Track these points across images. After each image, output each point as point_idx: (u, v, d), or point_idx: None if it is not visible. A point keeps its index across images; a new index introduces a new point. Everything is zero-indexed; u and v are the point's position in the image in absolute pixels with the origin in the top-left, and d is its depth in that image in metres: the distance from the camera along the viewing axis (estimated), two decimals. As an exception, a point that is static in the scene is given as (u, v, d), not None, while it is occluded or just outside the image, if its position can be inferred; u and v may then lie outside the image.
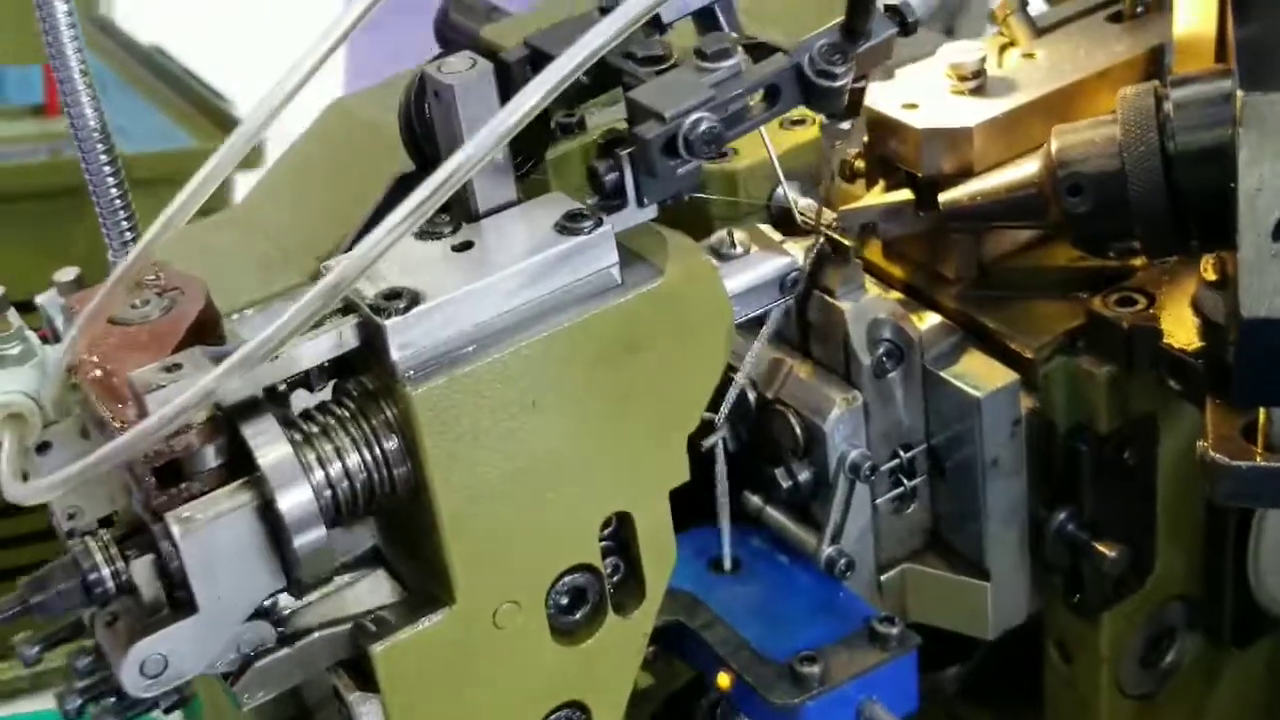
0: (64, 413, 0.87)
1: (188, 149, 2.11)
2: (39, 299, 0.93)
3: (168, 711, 0.96)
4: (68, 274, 0.90)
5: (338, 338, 0.76)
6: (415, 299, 0.75)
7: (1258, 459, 0.76)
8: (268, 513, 0.74)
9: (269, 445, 0.74)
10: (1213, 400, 0.80)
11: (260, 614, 0.78)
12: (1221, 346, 0.82)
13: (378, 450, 0.77)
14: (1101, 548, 0.92)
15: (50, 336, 0.92)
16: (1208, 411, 0.80)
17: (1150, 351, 0.86)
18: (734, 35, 0.77)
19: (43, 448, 0.88)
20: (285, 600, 0.81)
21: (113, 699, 0.95)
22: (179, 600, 0.75)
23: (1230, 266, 0.77)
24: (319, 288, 0.69)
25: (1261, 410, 0.77)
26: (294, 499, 0.74)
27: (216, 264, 0.89)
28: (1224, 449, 0.77)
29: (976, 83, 0.92)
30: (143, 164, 0.79)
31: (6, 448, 0.84)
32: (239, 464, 0.75)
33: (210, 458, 0.74)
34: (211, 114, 2.37)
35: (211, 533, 0.73)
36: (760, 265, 0.87)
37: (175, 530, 0.72)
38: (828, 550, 0.93)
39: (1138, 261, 0.92)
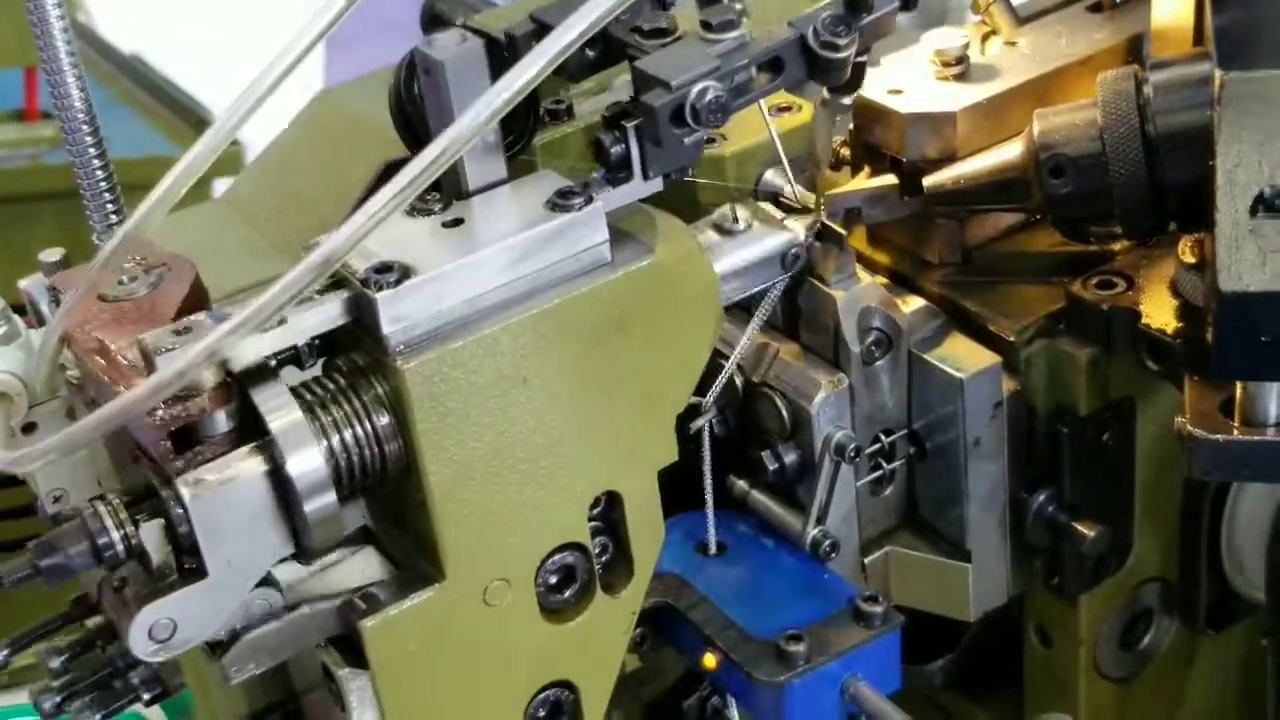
0: (50, 393, 0.88)
1: (167, 155, 2.11)
2: (22, 283, 0.93)
3: (149, 704, 0.97)
4: (53, 254, 0.90)
5: (330, 311, 0.76)
6: (406, 273, 0.76)
7: (1235, 433, 0.77)
8: (278, 477, 0.74)
9: (280, 410, 0.74)
10: (1190, 378, 0.81)
11: (267, 582, 0.78)
12: (1200, 327, 0.83)
13: (369, 426, 0.77)
14: (1081, 528, 0.93)
15: (35, 322, 0.92)
16: (1186, 389, 0.81)
17: (1129, 333, 0.87)
18: (738, 6, 0.78)
19: (29, 428, 0.88)
20: (276, 575, 0.81)
21: (90, 695, 0.95)
22: (188, 566, 0.75)
23: (1208, 249, 0.78)
24: (314, 256, 0.70)
25: (1238, 386, 0.78)
26: (305, 463, 0.74)
27: (203, 252, 0.90)
28: (1202, 424, 0.78)
29: (960, 69, 0.93)
30: (123, 170, 0.79)
31: (-2, 425, 0.84)
32: (249, 430, 0.75)
33: (221, 423, 0.74)
34: (190, 121, 2.38)
35: (221, 496, 0.73)
36: (763, 240, 0.88)
37: (185, 494, 0.72)
38: (813, 532, 0.94)
39: (1117, 246, 0.94)
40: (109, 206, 0.88)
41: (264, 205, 1.02)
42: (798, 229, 0.88)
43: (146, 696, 0.93)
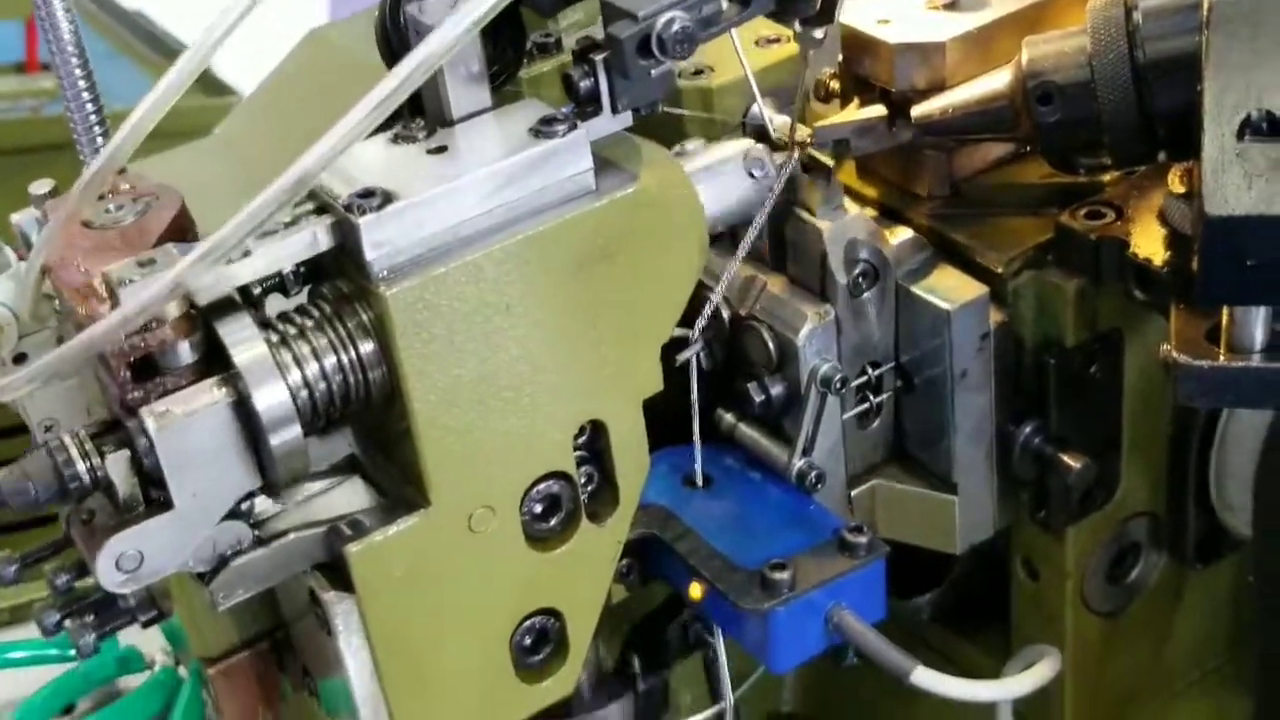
0: (38, 322, 0.88)
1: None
2: (14, 217, 0.93)
3: (146, 626, 0.97)
4: (42, 186, 0.90)
5: (312, 238, 0.76)
6: (389, 198, 0.75)
7: (1220, 359, 0.77)
8: (243, 410, 0.75)
9: (245, 343, 0.75)
10: (1177, 306, 0.81)
11: (237, 516, 0.79)
12: (1187, 256, 0.83)
13: (353, 353, 0.77)
14: (1068, 460, 0.93)
15: (26, 255, 0.92)
16: (1172, 316, 0.81)
17: (1117, 263, 0.87)
18: None
19: (19, 359, 0.88)
20: (262, 505, 0.82)
21: (89, 614, 0.96)
22: (154, 498, 0.76)
23: (1196, 176, 0.77)
24: (285, 177, 0.70)
25: (1224, 312, 0.78)
26: (269, 397, 0.75)
27: (193, 191, 0.90)
28: (1187, 350, 0.78)
29: (949, -1, 0.93)
30: (119, 121, 0.79)
31: (-18, 352, 0.84)
32: (215, 363, 0.76)
33: (185, 354, 0.74)
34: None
35: (186, 428, 0.74)
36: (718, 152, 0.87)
37: (150, 425, 0.73)
38: (798, 463, 0.94)
39: (1107, 178, 0.93)
40: (96, 131, 0.88)
41: (254, 143, 1.02)
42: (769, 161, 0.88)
43: (142, 618, 0.94)
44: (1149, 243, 0.86)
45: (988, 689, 0.94)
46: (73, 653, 1.33)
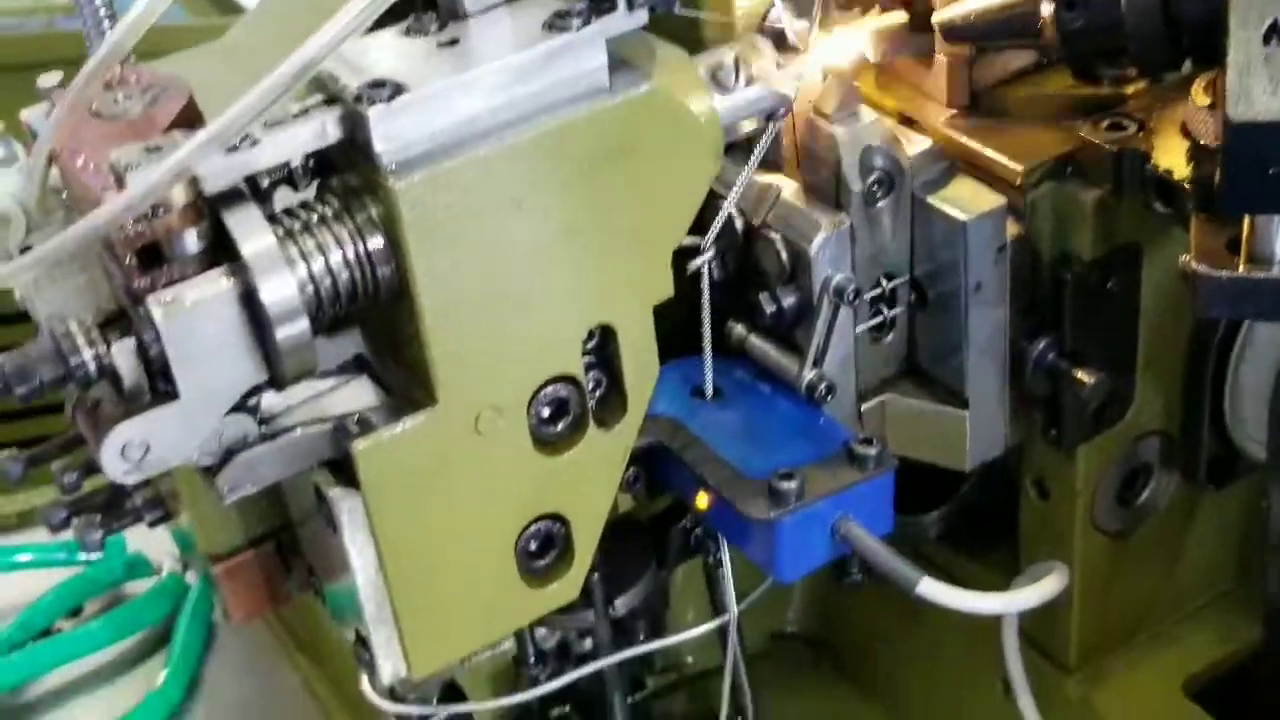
0: (45, 214, 0.87)
1: (183, 24, 2.09)
2: (24, 113, 0.93)
3: (152, 525, 0.98)
4: (51, 78, 0.89)
5: (321, 128, 0.75)
6: (399, 89, 0.74)
7: (1240, 269, 0.76)
8: (250, 303, 0.74)
9: (252, 234, 0.74)
10: (1198, 216, 0.80)
11: (244, 410, 0.79)
12: (1209, 169, 0.81)
13: (361, 248, 0.76)
14: (1081, 375, 0.92)
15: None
16: (1193, 227, 0.80)
17: (1138, 175, 0.86)
18: None
19: (25, 251, 0.88)
20: (270, 401, 0.81)
21: (96, 512, 0.96)
22: (160, 389, 0.75)
23: (1220, 86, 0.76)
24: (290, 62, 0.69)
25: (1245, 223, 0.77)
26: (277, 290, 0.74)
27: (199, 89, 0.89)
28: (1207, 260, 0.77)
29: (975, -101, 0.90)
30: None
31: (-12, 243, 0.84)
32: (222, 255, 0.75)
33: (192, 243, 0.74)
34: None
35: (193, 317, 0.73)
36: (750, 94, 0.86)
37: (156, 313, 0.72)
38: (809, 375, 0.93)
39: (1130, 90, 0.92)
40: (106, 23, 0.87)
41: (258, 47, 1.00)
42: (790, 81, 0.86)
43: (149, 518, 0.94)
44: (1171, 155, 0.85)
45: (994, 601, 0.94)
46: (80, 556, 1.35)
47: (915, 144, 0.92)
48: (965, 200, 0.90)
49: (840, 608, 1.28)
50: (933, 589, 0.88)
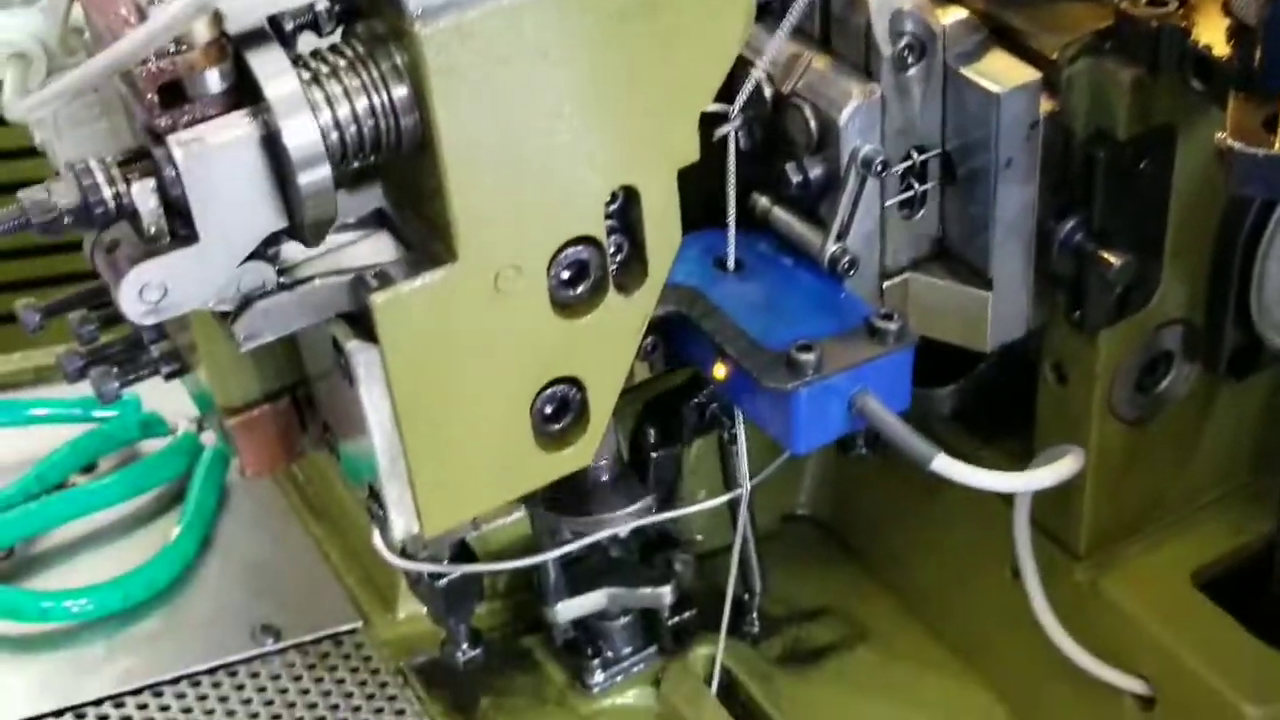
0: (68, 53, 0.86)
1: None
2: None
3: (169, 378, 0.98)
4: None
5: (350, -34, 0.74)
6: (428, -69, 0.73)
7: (1277, 147, 0.74)
8: (273, 146, 0.73)
9: (277, 76, 0.73)
10: (1236, 95, 0.78)
11: (263, 258, 0.78)
12: (1250, 48, 0.80)
13: (385, 96, 0.75)
14: (1108, 256, 0.91)
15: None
16: (1230, 105, 0.78)
17: (1177, 52, 0.84)
18: None
19: (47, 91, 0.87)
20: (289, 252, 0.81)
21: (113, 363, 0.96)
22: (180, 232, 0.75)
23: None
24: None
25: (1285, 101, 0.75)
26: (300, 134, 0.73)
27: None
28: (1243, 138, 0.75)
29: None
30: None
31: (9, 81, 0.83)
32: (245, 97, 0.74)
33: (215, 82, 0.73)
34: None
35: (214, 158, 0.72)
36: None
37: (177, 153, 0.71)
38: (832, 248, 0.92)
39: (1175, -32, 0.89)
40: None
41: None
42: None
43: (166, 370, 0.94)
44: (1211, 32, 0.83)
45: (1009, 480, 0.94)
46: (95, 413, 1.35)
47: (950, 14, 0.90)
48: (999, 73, 0.89)
49: (852, 490, 1.28)
50: (948, 465, 0.88)
